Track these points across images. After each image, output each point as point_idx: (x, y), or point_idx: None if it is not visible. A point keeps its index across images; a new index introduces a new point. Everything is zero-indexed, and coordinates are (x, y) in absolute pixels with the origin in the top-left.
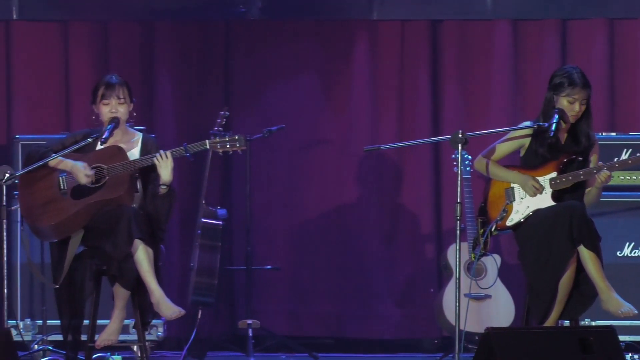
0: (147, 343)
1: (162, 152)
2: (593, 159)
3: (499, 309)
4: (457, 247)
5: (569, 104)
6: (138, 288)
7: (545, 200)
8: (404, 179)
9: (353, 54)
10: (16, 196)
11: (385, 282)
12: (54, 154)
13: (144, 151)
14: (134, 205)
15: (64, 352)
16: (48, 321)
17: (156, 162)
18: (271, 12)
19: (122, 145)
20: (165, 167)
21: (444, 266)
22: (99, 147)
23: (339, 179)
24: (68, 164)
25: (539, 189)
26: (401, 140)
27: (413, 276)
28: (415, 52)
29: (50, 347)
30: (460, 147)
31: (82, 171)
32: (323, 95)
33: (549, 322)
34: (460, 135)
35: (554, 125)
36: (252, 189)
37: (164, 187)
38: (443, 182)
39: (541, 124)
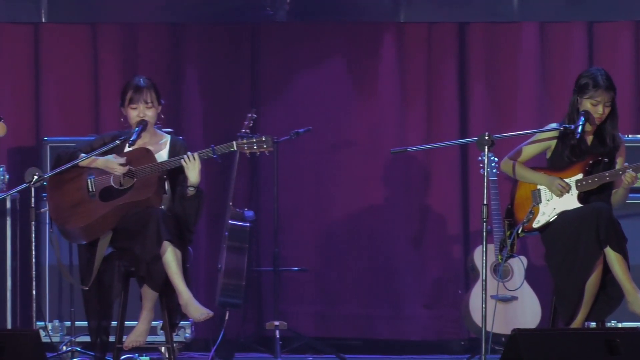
0: (174, 344)
1: (189, 153)
2: (619, 160)
3: (526, 311)
4: (484, 249)
5: (593, 106)
6: (166, 289)
7: (571, 201)
8: (431, 180)
9: (380, 56)
10: (45, 198)
11: (412, 284)
12: (83, 156)
13: (173, 152)
14: (162, 207)
15: (92, 353)
16: (76, 322)
17: (184, 163)
18: (298, 14)
19: (150, 147)
20: (192, 169)
21: (470, 268)
22: (127, 149)
23: (366, 181)
24: (100, 161)
25: (566, 187)
26: (428, 142)
27: (440, 278)
28: (442, 54)
29: (79, 349)
30: (486, 149)
31: (114, 162)
32: (350, 97)
33: (576, 323)
34: (486, 137)
35: (580, 127)
36: (280, 191)
37: (191, 188)
38: (470, 184)
39: (567, 125)
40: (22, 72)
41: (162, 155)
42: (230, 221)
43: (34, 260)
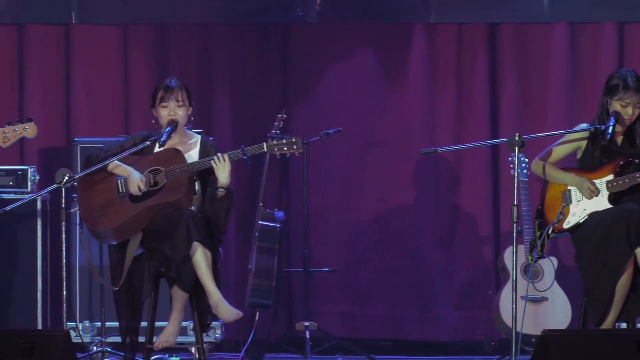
0: (205, 345)
1: (219, 155)
2: None
3: (556, 312)
4: (514, 250)
5: (622, 108)
6: (196, 290)
7: (602, 202)
8: (461, 181)
9: (410, 57)
10: (75, 199)
11: (443, 284)
12: (112, 157)
13: (203, 153)
14: (192, 207)
15: (122, 353)
16: (107, 323)
17: (214, 165)
18: (328, 15)
19: (180, 147)
20: (222, 170)
21: (501, 269)
22: (157, 149)
23: (395, 182)
24: (126, 170)
25: (595, 191)
26: (458, 142)
27: (471, 278)
28: (472, 55)
29: (109, 349)
30: (517, 150)
31: (135, 182)
32: (380, 97)
33: (606, 324)
34: (517, 138)
35: (610, 128)
36: (310, 192)
37: (221, 190)
38: (500, 184)
39: (597, 126)
40: (52, 73)
41: (192, 155)
42: (260, 222)
43: (64, 261)
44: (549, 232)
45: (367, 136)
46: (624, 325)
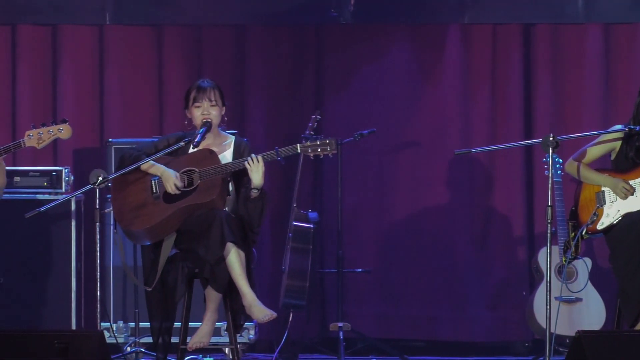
0: (238, 345)
1: (253, 156)
2: None
3: (590, 312)
4: (548, 251)
5: None
6: (230, 291)
7: (636, 203)
8: (495, 182)
9: (444, 57)
10: (109, 199)
11: (476, 285)
12: (146, 157)
13: (237, 154)
14: (226, 208)
15: (156, 354)
16: (140, 323)
17: (247, 166)
18: (362, 16)
19: (214, 148)
20: (256, 171)
21: (535, 269)
22: (191, 150)
23: (429, 182)
24: (159, 169)
25: (631, 190)
26: (492, 143)
27: (504, 279)
28: (506, 55)
29: (143, 350)
30: (551, 151)
31: (171, 180)
32: (414, 98)
33: None
34: (551, 139)
35: None
36: (343, 192)
37: (255, 190)
38: (534, 185)
39: (632, 127)
40: (86, 74)
41: (226, 156)
42: (294, 223)
43: (98, 261)
44: (583, 233)
45: (401, 137)
46: None
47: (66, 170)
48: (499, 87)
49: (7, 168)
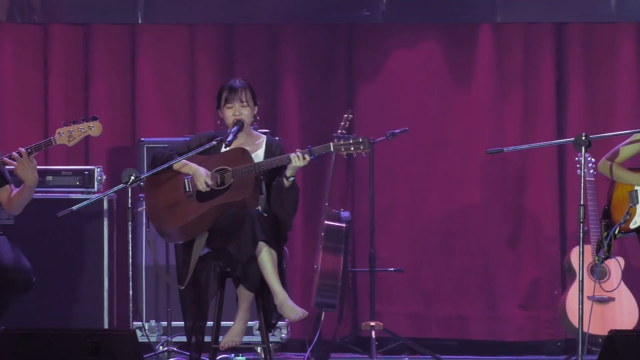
0: (270, 345)
1: (299, 153)
2: None
3: (623, 312)
4: (581, 250)
5: None
6: (262, 290)
7: None
8: (528, 181)
9: (476, 56)
10: (142, 198)
11: (508, 284)
12: (179, 157)
13: (269, 153)
14: (258, 207)
15: (188, 353)
16: (173, 323)
17: (293, 158)
18: (395, 15)
19: (246, 147)
20: (298, 166)
21: (567, 268)
22: (223, 149)
23: (461, 181)
24: (192, 167)
25: None
26: (524, 142)
27: (537, 278)
28: (539, 54)
29: (175, 349)
30: (583, 150)
31: (202, 178)
32: (446, 97)
33: None
34: (583, 138)
35: None
36: (376, 191)
37: (292, 178)
38: (567, 184)
39: None
40: (118, 72)
41: (259, 155)
42: (326, 222)
43: (130, 260)
44: (616, 232)
45: (433, 136)
46: None
47: (98, 170)
48: (531, 86)
49: (39, 167)
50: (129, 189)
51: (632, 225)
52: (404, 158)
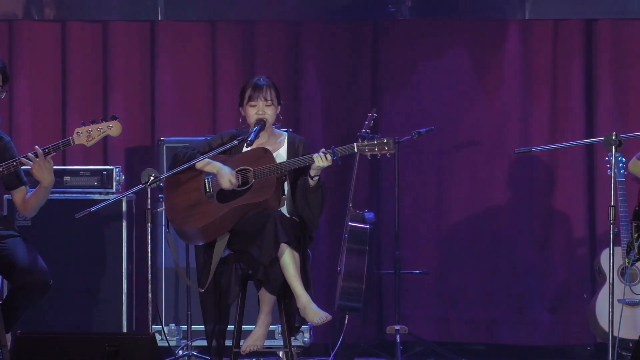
0: (293, 349)
1: (321, 154)
2: None
3: None
4: (611, 252)
5: None
6: (284, 293)
7: None
8: (556, 181)
9: (504, 53)
10: (161, 199)
11: (537, 287)
12: (200, 156)
13: (291, 150)
14: (282, 208)
15: (209, 357)
16: (193, 326)
17: (316, 159)
18: (420, 11)
19: (268, 147)
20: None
21: (597, 271)
22: (244, 149)
23: (488, 182)
24: (215, 166)
25: None
26: (553, 141)
27: (566, 281)
28: (568, 51)
29: (195, 353)
30: (614, 149)
31: (227, 176)
32: (472, 95)
33: None
34: (614, 137)
35: None
36: (401, 192)
37: (317, 177)
38: (596, 185)
39: None
40: (137, 70)
41: (281, 153)
42: (350, 223)
43: (150, 262)
44: None
45: (459, 135)
46: None
47: (117, 170)
48: (559, 84)
49: (56, 167)
50: (149, 190)
51: None
52: (429, 158)
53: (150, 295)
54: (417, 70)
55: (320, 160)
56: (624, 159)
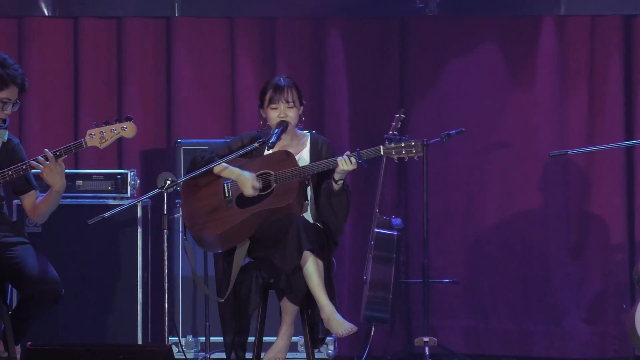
0: None
1: (345, 157)
2: None
3: None
4: None
5: None
6: (307, 303)
7: None
8: (593, 186)
9: (537, 51)
10: (178, 204)
11: (572, 297)
12: (219, 159)
13: (314, 152)
14: (305, 214)
15: None
16: (211, 338)
17: (340, 162)
18: (450, 7)
19: (290, 149)
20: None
21: (636, 280)
22: (265, 152)
23: (521, 186)
24: (234, 172)
25: None
26: (590, 143)
27: (603, 291)
28: (606, 49)
29: None
30: None
31: (249, 182)
32: (505, 95)
33: None
34: None
35: None
36: (429, 197)
37: (341, 181)
38: (635, 189)
39: None
40: (153, 69)
41: (303, 156)
42: (376, 229)
43: (166, 271)
44: None
45: (490, 137)
46: None
47: (132, 173)
48: (597, 84)
49: (68, 171)
50: (165, 195)
51: None
52: (459, 161)
53: (166, 305)
54: (446, 69)
55: (345, 163)
56: None
